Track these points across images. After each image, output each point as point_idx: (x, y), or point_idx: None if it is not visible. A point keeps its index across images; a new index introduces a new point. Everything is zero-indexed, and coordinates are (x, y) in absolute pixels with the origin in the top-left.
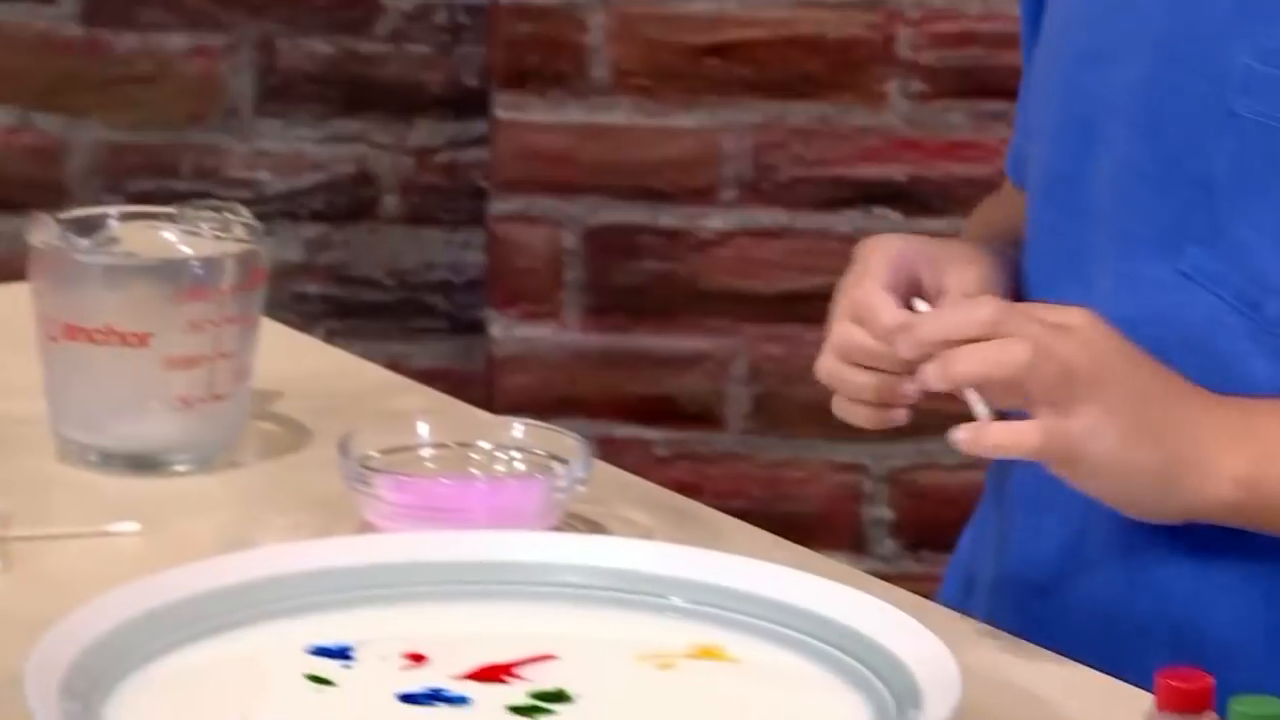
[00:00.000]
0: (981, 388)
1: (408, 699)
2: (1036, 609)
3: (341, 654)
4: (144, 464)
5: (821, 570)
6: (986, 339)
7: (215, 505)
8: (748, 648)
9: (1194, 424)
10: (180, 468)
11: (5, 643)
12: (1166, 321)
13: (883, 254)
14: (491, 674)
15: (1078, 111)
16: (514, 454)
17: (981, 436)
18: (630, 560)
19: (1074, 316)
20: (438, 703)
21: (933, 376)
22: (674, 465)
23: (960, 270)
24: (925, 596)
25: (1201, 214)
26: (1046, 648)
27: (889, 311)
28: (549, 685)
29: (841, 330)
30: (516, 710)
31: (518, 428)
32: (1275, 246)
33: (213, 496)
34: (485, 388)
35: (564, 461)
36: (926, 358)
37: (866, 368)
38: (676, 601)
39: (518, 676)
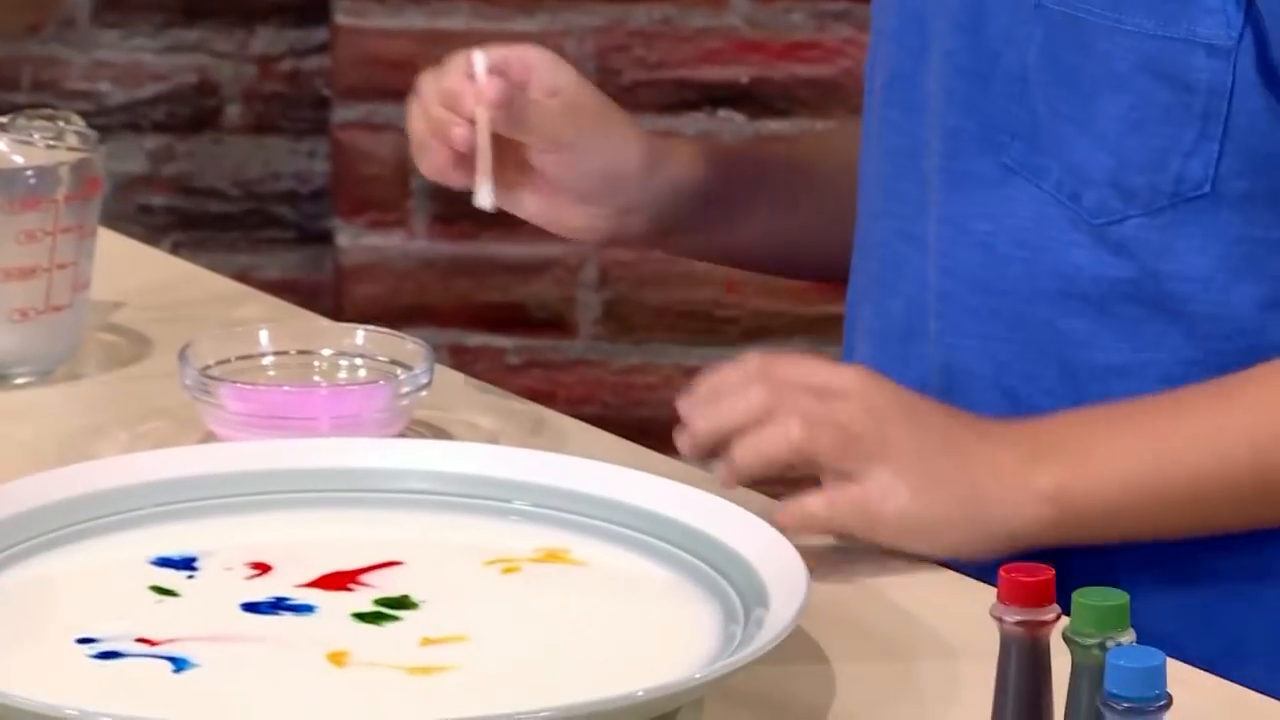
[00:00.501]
0: (769, 471)
1: (252, 608)
2: None
3: (185, 564)
4: None
5: (668, 472)
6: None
7: (56, 417)
8: (594, 551)
9: (990, 458)
10: (20, 380)
11: None
12: (994, 216)
13: (509, 47)
14: (336, 582)
15: (913, 9)
16: (357, 361)
17: (775, 519)
18: (474, 465)
19: (847, 378)
20: (282, 611)
21: (727, 481)
22: (526, 373)
23: (550, 101)
24: (775, 498)
25: (1019, 107)
26: None
27: (450, 76)
28: (394, 592)
29: (427, 75)
30: (361, 617)
31: (360, 334)
32: (1088, 137)
33: (53, 408)
34: (334, 297)
35: (407, 368)
36: (706, 449)
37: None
38: (521, 505)
39: (363, 584)
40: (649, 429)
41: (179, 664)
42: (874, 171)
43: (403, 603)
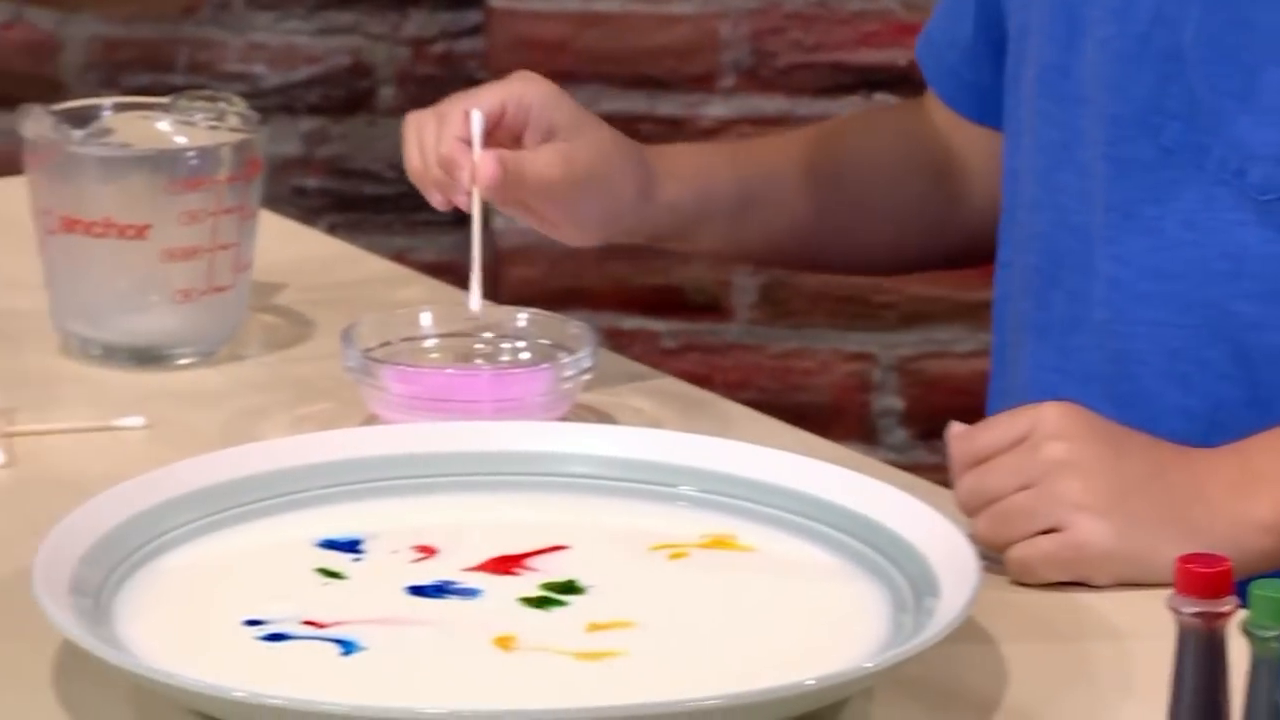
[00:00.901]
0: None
1: (418, 591)
2: None
3: (351, 547)
4: (146, 357)
5: (833, 458)
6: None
7: (219, 398)
8: (761, 537)
9: (1199, 490)
10: (182, 361)
11: (11, 539)
12: (1160, 200)
13: (503, 88)
14: (503, 565)
15: (1063, 0)
16: (519, 344)
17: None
18: (641, 450)
19: (1048, 426)
20: (448, 595)
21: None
22: (682, 357)
23: (547, 146)
24: (942, 486)
25: (1176, 87)
26: None
27: (445, 140)
28: (560, 576)
29: (424, 120)
30: (528, 602)
31: (522, 317)
32: (1251, 112)
33: (216, 389)
34: (490, 280)
35: (570, 351)
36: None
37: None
38: (687, 491)
39: (528, 568)
40: (806, 413)
41: (347, 646)
42: (1027, 165)
43: (569, 587)
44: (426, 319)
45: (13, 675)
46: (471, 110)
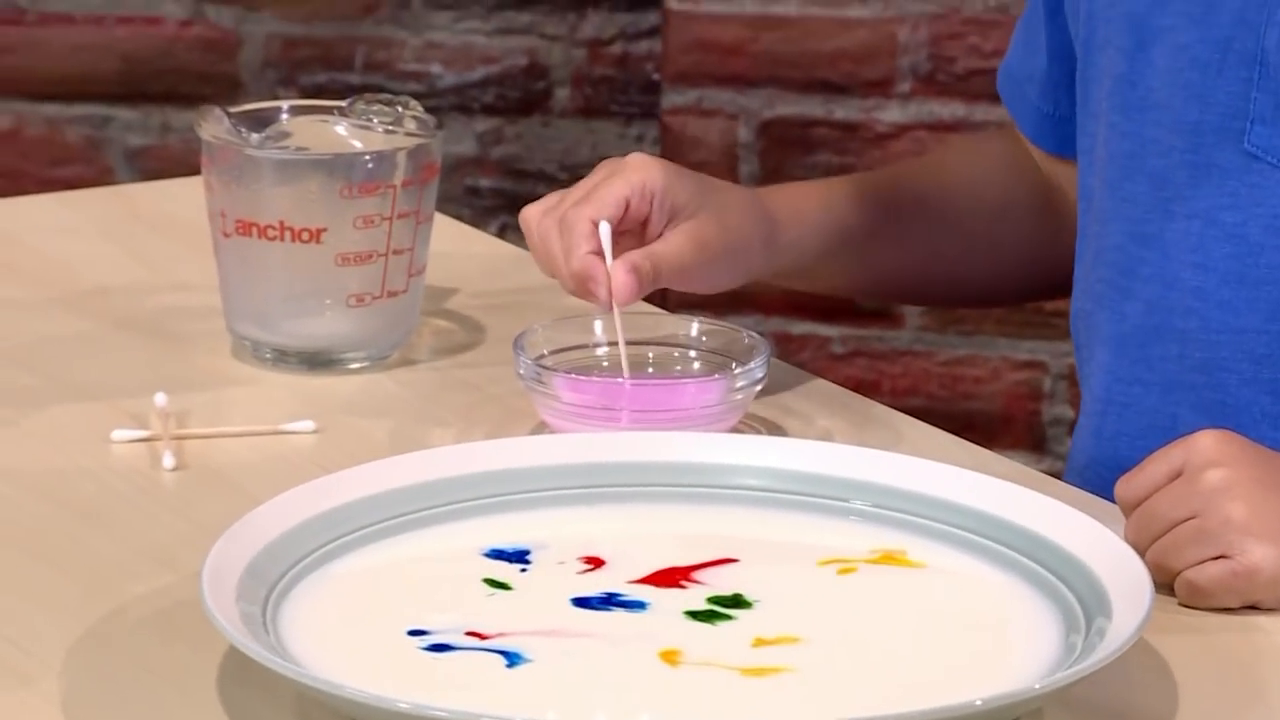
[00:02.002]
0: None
1: (583, 603)
2: None
3: (518, 557)
4: (318, 361)
5: (1004, 473)
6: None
7: (389, 403)
8: (931, 553)
9: None
10: (354, 365)
11: (180, 542)
12: (1242, 205)
13: (625, 183)
14: (669, 578)
15: (1132, 10)
16: (691, 353)
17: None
18: (812, 463)
19: (1203, 455)
20: (614, 607)
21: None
22: (850, 362)
23: (675, 232)
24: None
25: (1258, 92)
26: None
27: (578, 256)
28: (727, 590)
29: (547, 228)
30: (694, 615)
31: (695, 326)
32: None
33: (387, 394)
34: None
35: (742, 361)
36: None
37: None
38: (858, 505)
39: (695, 581)
40: (974, 422)
41: (512, 658)
42: (1099, 179)
43: (736, 601)
44: (599, 327)
45: (178, 680)
46: (600, 223)
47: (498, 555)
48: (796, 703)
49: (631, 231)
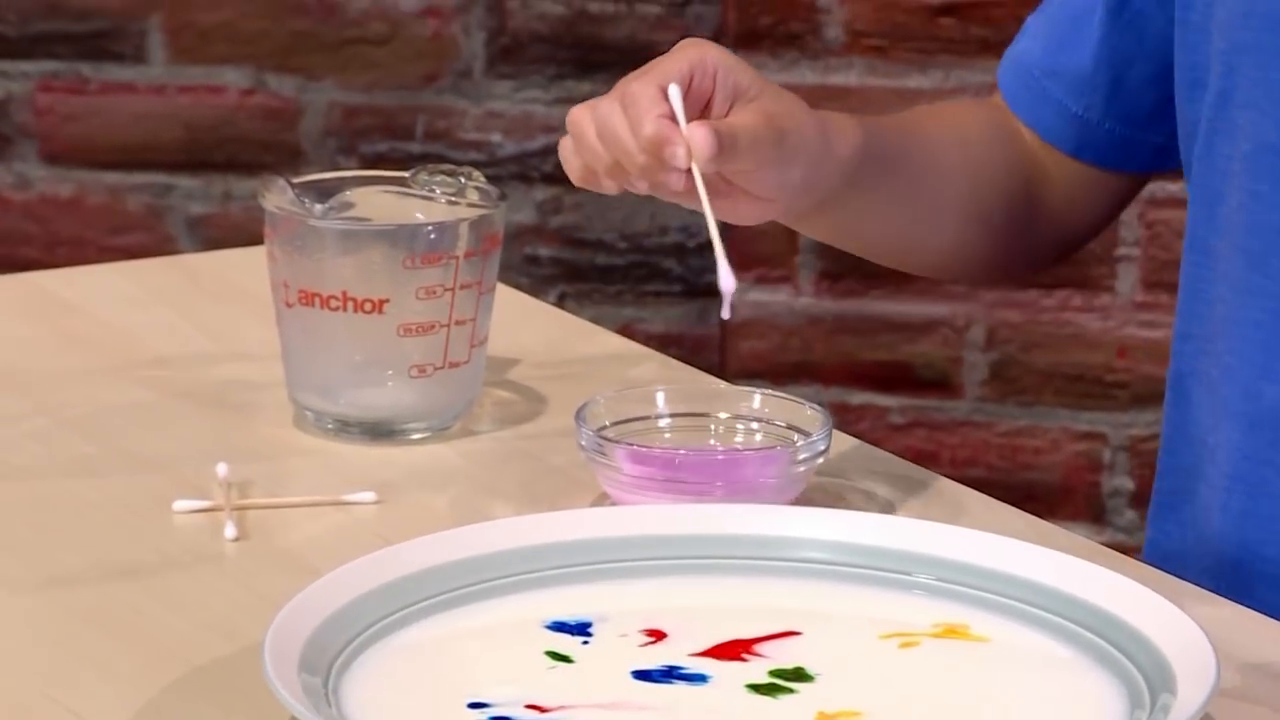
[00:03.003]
0: None
1: (644, 676)
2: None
3: (580, 629)
4: (379, 432)
5: (1067, 547)
6: None
7: (451, 474)
8: (995, 627)
9: None
10: (416, 435)
11: (242, 612)
12: None
13: (684, 58)
14: (731, 651)
15: None
16: (753, 425)
17: None
18: (875, 536)
19: None
20: (675, 680)
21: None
22: (909, 433)
23: (744, 107)
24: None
25: None
26: None
27: (650, 120)
28: (789, 663)
29: (608, 108)
30: (756, 689)
31: (757, 398)
32: None
33: (448, 465)
34: (718, 353)
35: (804, 433)
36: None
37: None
38: (921, 579)
39: (757, 654)
40: (1034, 493)
41: None
42: (1228, 242)
43: (798, 674)
44: (660, 399)
45: None
46: (669, 85)
47: (559, 628)
48: None
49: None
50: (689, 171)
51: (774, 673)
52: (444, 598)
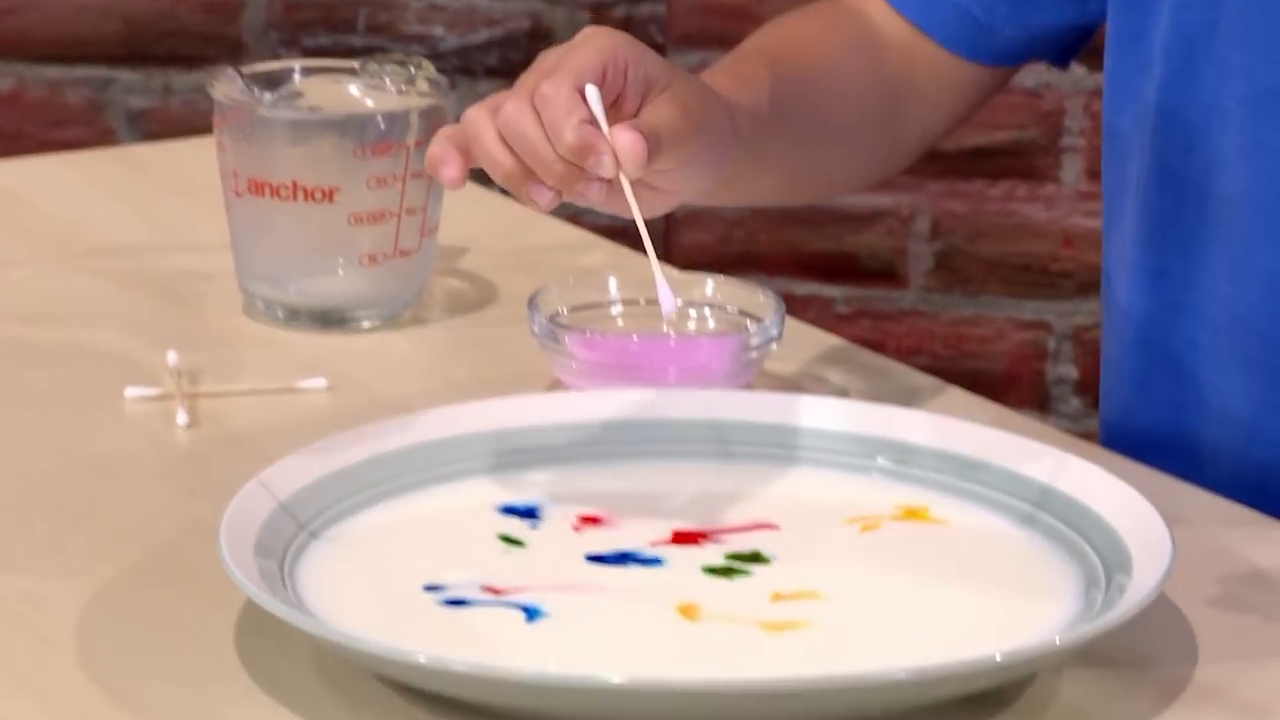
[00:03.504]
0: None
1: (598, 559)
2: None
3: (531, 513)
4: (330, 320)
5: (1022, 430)
6: None
7: (402, 362)
8: (953, 510)
9: None
10: (366, 324)
11: (195, 498)
12: None
13: (596, 50)
14: (688, 538)
15: None
16: (706, 311)
17: None
18: (833, 420)
19: None
20: (630, 563)
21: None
22: (855, 323)
23: (660, 101)
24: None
25: None
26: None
27: (571, 127)
28: (745, 547)
29: (516, 111)
30: (712, 571)
31: (710, 284)
32: None
33: (400, 353)
34: (663, 244)
35: (757, 319)
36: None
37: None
38: (881, 462)
39: (713, 540)
40: (979, 381)
41: (531, 613)
42: (1236, 192)
43: (755, 558)
44: (613, 285)
45: (196, 636)
46: (587, 87)
47: (511, 512)
48: (816, 658)
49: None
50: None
51: (730, 556)
52: (397, 483)
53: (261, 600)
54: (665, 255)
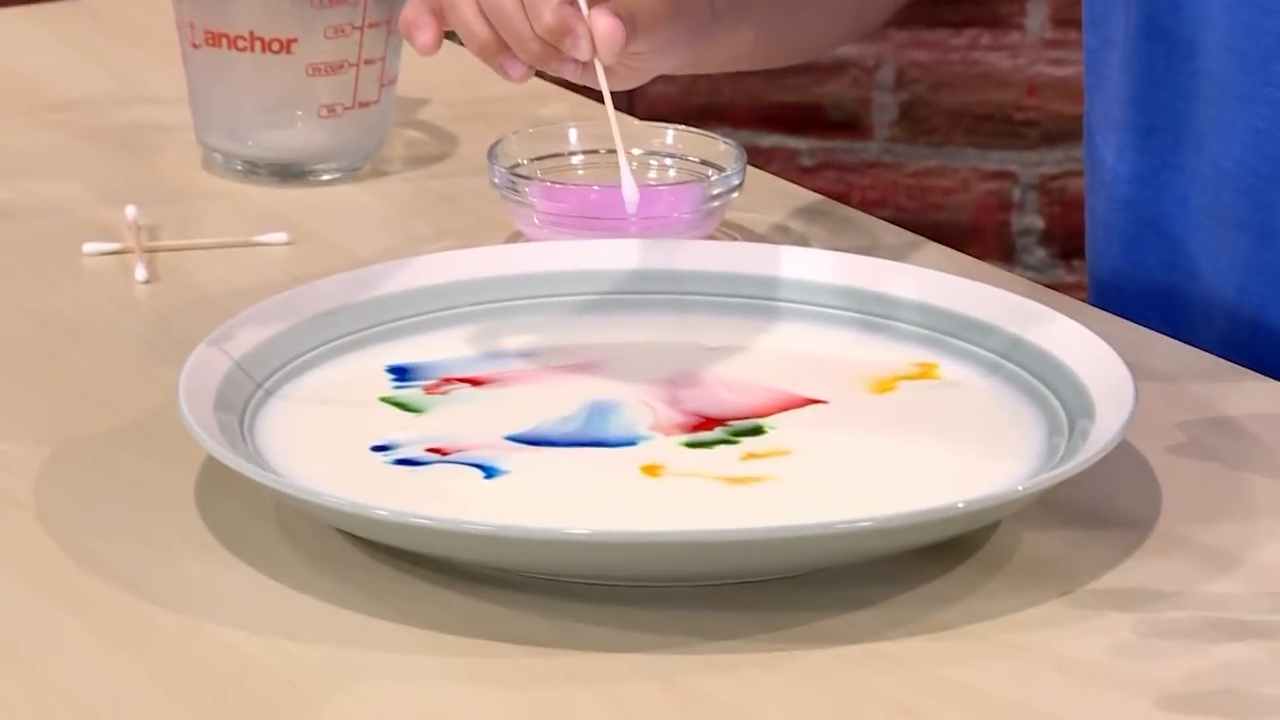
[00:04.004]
0: None
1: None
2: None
3: (496, 362)
4: (290, 173)
5: (983, 277)
6: None
7: (362, 214)
8: (925, 361)
9: None
10: (326, 176)
11: (154, 354)
12: None
13: None
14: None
15: None
16: (667, 161)
17: None
18: (791, 268)
19: None
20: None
21: None
22: (819, 174)
23: None
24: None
25: None
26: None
27: (550, 9)
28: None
29: None
30: (693, 445)
31: (670, 134)
32: None
33: (360, 206)
34: (626, 95)
35: (719, 168)
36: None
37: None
38: (851, 314)
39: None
40: (944, 232)
41: (489, 471)
42: (1225, 45)
43: (755, 430)
44: (574, 135)
45: (156, 492)
46: None
47: (465, 366)
48: (779, 509)
49: None
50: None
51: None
52: (355, 337)
53: (221, 455)
54: (629, 108)
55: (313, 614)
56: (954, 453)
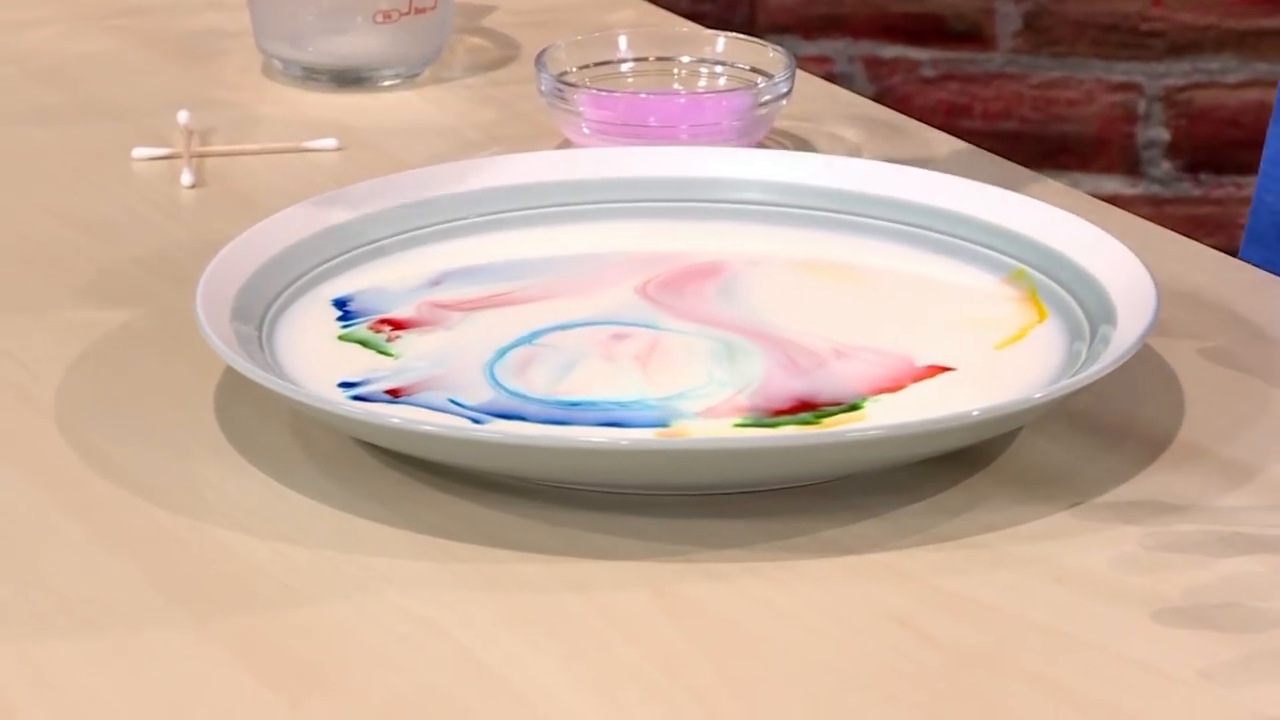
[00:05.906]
0: None
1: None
2: None
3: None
4: (347, 79)
5: (1032, 189)
6: None
7: (416, 121)
8: (935, 264)
9: None
10: (385, 82)
11: (191, 259)
12: None
13: None
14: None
15: None
16: (717, 68)
17: None
18: (826, 177)
19: None
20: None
21: None
22: (942, 86)
23: None
24: (1203, 220)
25: None
26: None
27: None
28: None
29: None
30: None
31: (720, 41)
32: None
33: (415, 112)
34: (748, 6)
35: (768, 75)
36: None
37: None
38: (872, 220)
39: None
40: (1068, 145)
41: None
42: None
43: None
44: (623, 42)
45: (176, 398)
46: None
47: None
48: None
49: None
50: None
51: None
52: (388, 242)
53: (236, 363)
54: (749, 19)
55: (318, 520)
56: (971, 356)
